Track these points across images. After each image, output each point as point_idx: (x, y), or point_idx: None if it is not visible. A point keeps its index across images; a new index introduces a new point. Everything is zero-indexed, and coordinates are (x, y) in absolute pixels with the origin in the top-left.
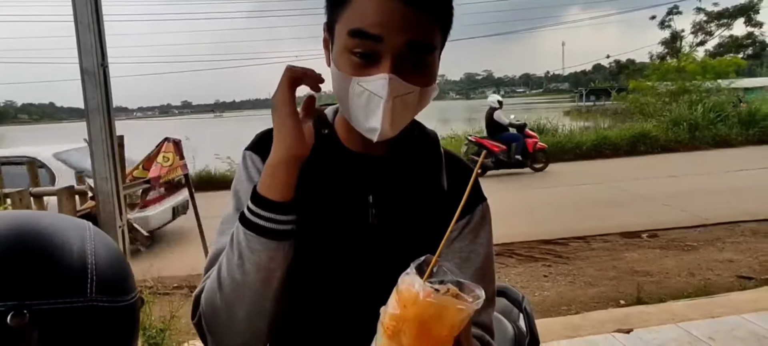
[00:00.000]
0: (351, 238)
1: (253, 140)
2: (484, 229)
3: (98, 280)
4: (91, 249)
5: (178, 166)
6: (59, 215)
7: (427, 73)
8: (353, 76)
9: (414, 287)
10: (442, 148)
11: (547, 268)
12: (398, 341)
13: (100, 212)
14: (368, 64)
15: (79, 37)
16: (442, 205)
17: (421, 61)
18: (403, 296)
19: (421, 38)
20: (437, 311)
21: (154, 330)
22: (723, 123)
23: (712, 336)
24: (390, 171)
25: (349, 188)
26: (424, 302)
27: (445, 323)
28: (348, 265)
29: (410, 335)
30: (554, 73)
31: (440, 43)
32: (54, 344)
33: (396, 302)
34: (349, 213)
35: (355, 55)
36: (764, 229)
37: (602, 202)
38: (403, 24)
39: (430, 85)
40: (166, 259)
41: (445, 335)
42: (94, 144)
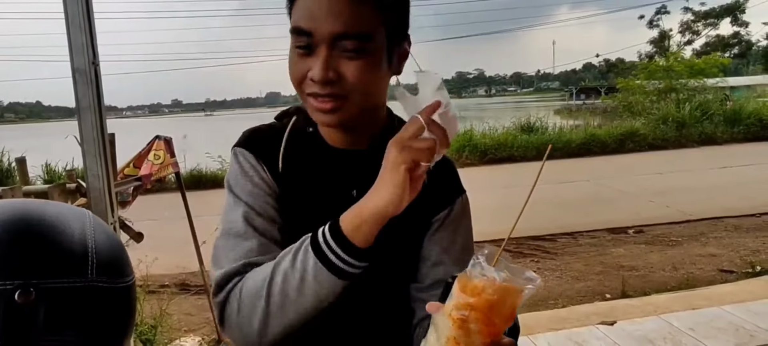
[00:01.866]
0: None
1: (242, 137)
2: (464, 219)
3: (98, 262)
4: (91, 234)
5: (169, 165)
6: (61, 203)
7: (363, 61)
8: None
9: (487, 275)
10: None
11: (535, 263)
12: (466, 329)
13: (91, 210)
14: (307, 54)
15: (70, 36)
16: (423, 197)
17: (356, 48)
18: (474, 285)
19: (352, 30)
20: (504, 294)
21: (146, 326)
22: (709, 121)
23: (692, 327)
24: (372, 165)
25: (333, 184)
26: (498, 287)
27: (508, 305)
28: None
29: (480, 320)
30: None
31: (384, 30)
32: (58, 321)
33: (463, 293)
34: (334, 208)
35: (297, 49)
36: (746, 224)
37: (590, 199)
38: (331, 16)
39: (366, 71)
40: (155, 256)
41: (507, 316)
42: (86, 142)
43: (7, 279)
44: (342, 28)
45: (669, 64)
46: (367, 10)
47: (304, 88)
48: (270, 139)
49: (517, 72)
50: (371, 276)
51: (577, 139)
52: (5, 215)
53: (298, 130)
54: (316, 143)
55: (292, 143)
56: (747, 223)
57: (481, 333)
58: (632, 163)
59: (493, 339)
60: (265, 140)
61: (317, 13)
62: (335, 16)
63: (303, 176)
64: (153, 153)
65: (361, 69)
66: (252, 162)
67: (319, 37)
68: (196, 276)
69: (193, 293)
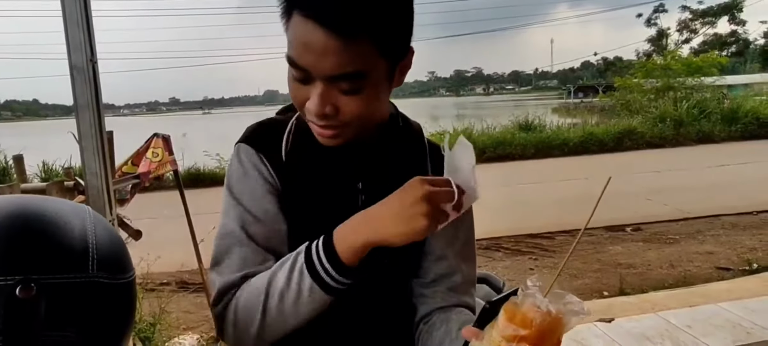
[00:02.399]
0: (340, 222)
1: (246, 133)
2: (466, 215)
3: (99, 258)
4: (92, 230)
5: (167, 162)
6: (61, 199)
7: (360, 96)
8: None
9: (542, 307)
10: (426, 138)
11: (533, 261)
12: None
13: (90, 207)
14: (304, 83)
15: (68, 33)
16: None
17: (353, 88)
18: (525, 316)
19: (345, 70)
20: (553, 326)
21: (145, 324)
22: (706, 119)
23: (689, 324)
24: (378, 158)
25: (339, 175)
26: (551, 318)
27: (557, 334)
28: None
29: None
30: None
31: (383, 62)
32: (59, 316)
33: (510, 323)
34: (339, 199)
35: (293, 77)
36: (743, 222)
37: (588, 197)
38: (326, 56)
39: (365, 105)
40: (155, 254)
41: (556, 343)
42: (84, 140)
43: (8, 274)
44: (337, 70)
45: (667, 62)
46: (363, 48)
47: (304, 112)
48: (273, 132)
49: (515, 70)
50: (374, 272)
51: (575, 138)
52: (5, 210)
53: (302, 123)
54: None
55: (297, 136)
56: (744, 221)
57: None
58: (630, 162)
59: None
60: (269, 133)
61: (312, 52)
62: (330, 58)
63: (307, 168)
64: (151, 151)
65: (359, 104)
66: (253, 159)
67: (316, 75)
68: (195, 274)
69: (192, 291)
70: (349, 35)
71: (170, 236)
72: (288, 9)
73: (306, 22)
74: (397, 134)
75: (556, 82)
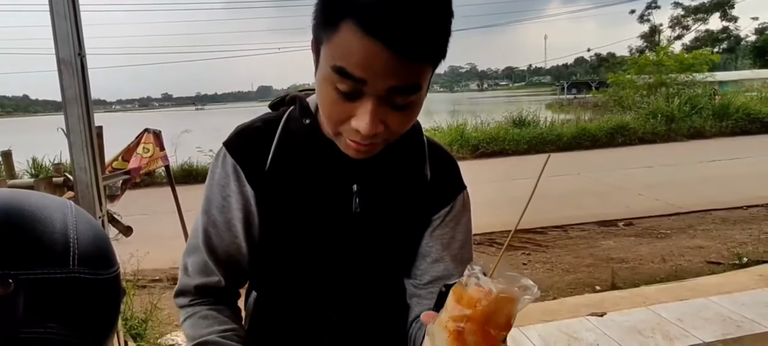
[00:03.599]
0: (335, 226)
1: (232, 135)
2: (465, 216)
3: (80, 253)
4: (73, 224)
5: (158, 158)
6: (41, 193)
7: (409, 112)
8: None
9: (484, 286)
10: (425, 137)
11: (526, 256)
12: (462, 340)
13: (79, 203)
14: (349, 100)
15: (55, 27)
16: (425, 194)
17: (405, 102)
18: (471, 296)
19: (405, 83)
20: (499, 305)
21: (136, 321)
22: (698, 115)
23: (680, 318)
24: (374, 160)
25: (333, 177)
26: (494, 297)
27: (504, 314)
28: (331, 253)
29: (475, 332)
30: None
31: (431, 73)
32: (39, 312)
33: (458, 304)
34: (333, 202)
35: (336, 90)
36: (733, 216)
37: (580, 192)
38: (387, 71)
39: (409, 120)
40: (146, 251)
41: (504, 325)
42: (73, 135)
43: None
44: (399, 82)
45: (659, 58)
46: (420, 64)
47: (342, 130)
48: (260, 136)
49: (509, 66)
50: (370, 272)
51: (568, 133)
52: None
53: (293, 123)
54: (313, 136)
55: (286, 138)
56: (734, 215)
57: (477, 344)
58: (622, 157)
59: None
60: (254, 141)
61: (374, 65)
62: (393, 73)
63: (298, 171)
64: (142, 146)
65: (407, 119)
66: (229, 171)
67: (370, 89)
68: None
69: None
70: (412, 56)
71: (162, 232)
72: (337, 17)
73: (366, 38)
74: None
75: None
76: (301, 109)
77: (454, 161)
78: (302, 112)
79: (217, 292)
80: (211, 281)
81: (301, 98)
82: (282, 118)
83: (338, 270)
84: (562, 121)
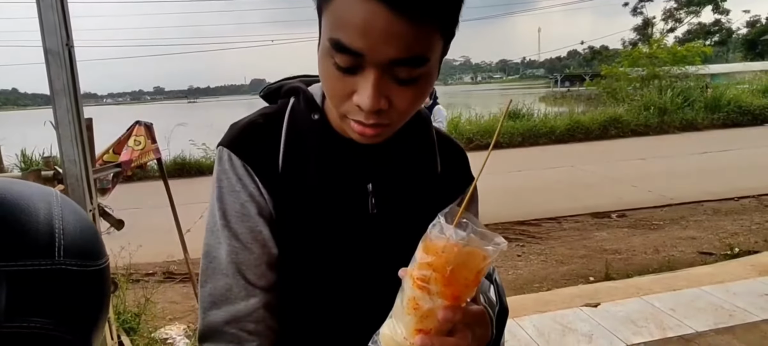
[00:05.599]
0: (351, 228)
1: (231, 134)
2: (473, 207)
3: (66, 244)
4: (58, 214)
5: (150, 150)
6: (24, 182)
7: (417, 87)
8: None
9: (445, 234)
10: (434, 128)
11: (520, 248)
12: (427, 290)
13: (69, 196)
14: (350, 74)
15: (42, 16)
16: (437, 187)
17: (411, 76)
18: (434, 245)
19: (408, 53)
20: (465, 258)
21: (129, 315)
22: (690, 108)
23: (673, 308)
24: (387, 158)
25: (347, 177)
26: (454, 248)
27: (472, 268)
28: (349, 255)
29: (441, 282)
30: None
31: (441, 46)
32: (23, 305)
33: (425, 253)
34: (349, 203)
35: (336, 66)
36: (725, 208)
37: (574, 184)
38: (389, 38)
39: (418, 98)
40: (138, 244)
41: (472, 281)
42: (61, 127)
43: None
44: (401, 53)
45: (652, 51)
46: (428, 29)
47: (345, 109)
48: (265, 134)
49: (502, 59)
50: (390, 274)
51: (562, 126)
52: None
53: (298, 117)
54: (323, 132)
55: (295, 135)
56: (726, 206)
57: (441, 295)
58: (615, 149)
59: (454, 303)
60: (259, 137)
61: (372, 33)
62: (394, 40)
63: (310, 172)
64: (133, 139)
65: (414, 96)
66: (240, 172)
67: (370, 61)
68: (181, 265)
69: (178, 282)
70: (417, 19)
71: (156, 225)
72: None
73: (364, 2)
74: (405, 127)
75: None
76: (306, 103)
77: (463, 152)
78: (308, 106)
79: (251, 322)
80: (241, 310)
81: (303, 90)
82: (284, 112)
83: (356, 272)
84: (555, 113)
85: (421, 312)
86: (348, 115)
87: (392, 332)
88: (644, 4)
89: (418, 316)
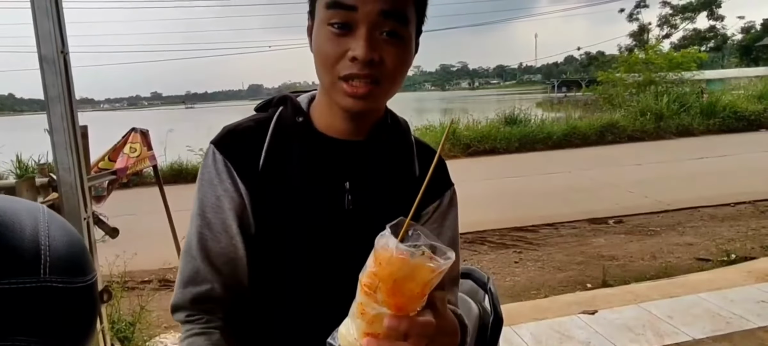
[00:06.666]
0: (327, 222)
1: (221, 134)
2: (452, 212)
3: (52, 261)
4: (45, 230)
5: (145, 158)
6: (11, 198)
7: (401, 47)
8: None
9: (388, 246)
10: (413, 136)
11: (517, 254)
12: (374, 298)
13: (63, 205)
14: (344, 33)
15: (37, 23)
16: (414, 190)
17: (396, 32)
18: (379, 255)
19: (394, 7)
20: (410, 270)
21: (123, 324)
22: (686, 113)
23: (670, 315)
24: (366, 157)
25: (325, 174)
26: (397, 260)
27: (418, 281)
28: (323, 248)
29: (385, 291)
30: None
31: (415, 19)
32: (7, 324)
33: (373, 262)
34: (325, 198)
35: (332, 26)
36: (721, 213)
37: (571, 190)
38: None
39: (402, 59)
40: (133, 252)
41: (418, 293)
42: (56, 134)
43: None
44: (387, 5)
45: (648, 57)
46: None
47: (339, 70)
48: (251, 135)
49: (500, 65)
50: (355, 261)
51: (559, 131)
52: None
53: (284, 122)
54: (306, 133)
55: (279, 136)
56: (722, 212)
57: (386, 304)
58: (612, 155)
59: (399, 313)
60: (245, 138)
61: None
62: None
63: (291, 170)
64: (129, 146)
65: (399, 54)
66: (219, 167)
67: (362, 14)
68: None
69: None
70: None
71: (152, 232)
72: None
73: None
74: (385, 132)
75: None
76: (293, 108)
77: (441, 159)
78: (294, 111)
79: (211, 303)
80: (202, 290)
81: (291, 98)
82: (272, 117)
83: (331, 267)
84: (552, 119)
85: (368, 317)
86: (341, 73)
87: (347, 332)
88: (640, 10)
89: (365, 320)
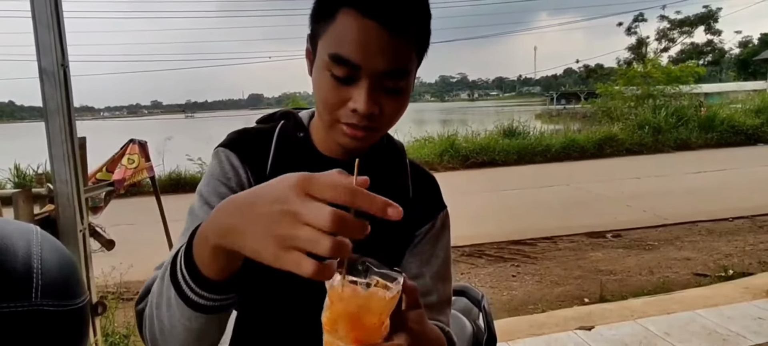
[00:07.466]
0: None
1: (227, 139)
2: (444, 235)
3: (44, 284)
4: (38, 253)
5: (143, 169)
6: (4, 219)
7: (400, 98)
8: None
9: (334, 284)
10: (408, 159)
11: (515, 268)
12: (336, 335)
13: (59, 216)
14: (346, 84)
15: (38, 36)
16: (408, 210)
17: (396, 86)
18: (330, 294)
19: (398, 66)
20: (363, 302)
21: (117, 336)
22: (684, 127)
23: (667, 331)
24: None
25: None
26: (347, 295)
27: (374, 311)
28: None
29: (344, 327)
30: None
31: (416, 64)
32: None
33: (328, 299)
34: None
35: (333, 77)
36: (720, 228)
37: (569, 203)
38: (382, 51)
39: (401, 107)
40: (130, 265)
41: (376, 322)
42: (54, 146)
43: None
44: (390, 65)
45: (646, 70)
46: (407, 45)
47: (339, 115)
48: (258, 141)
49: (499, 77)
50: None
51: (557, 144)
52: None
53: (286, 135)
54: (306, 149)
55: (283, 147)
56: (720, 227)
57: (349, 339)
58: (610, 168)
59: (364, 345)
60: (253, 143)
61: (369, 48)
62: (385, 54)
63: None
64: (127, 157)
65: (399, 105)
66: (234, 163)
67: (365, 72)
68: None
69: None
70: (401, 33)
71: (149, 242)
72: (335, 7)
73: (361, 19)
74: (381, 153)
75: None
76: (295, 124)
77: (435, 182)
78: (296, 126)
79: None
80: None
81: (294, 114)
82: (275, 129)
83: (322, 286)
84: (551, 131)
85: None
86: (341, 119)
87: None
88: (638, 24)
89: None
